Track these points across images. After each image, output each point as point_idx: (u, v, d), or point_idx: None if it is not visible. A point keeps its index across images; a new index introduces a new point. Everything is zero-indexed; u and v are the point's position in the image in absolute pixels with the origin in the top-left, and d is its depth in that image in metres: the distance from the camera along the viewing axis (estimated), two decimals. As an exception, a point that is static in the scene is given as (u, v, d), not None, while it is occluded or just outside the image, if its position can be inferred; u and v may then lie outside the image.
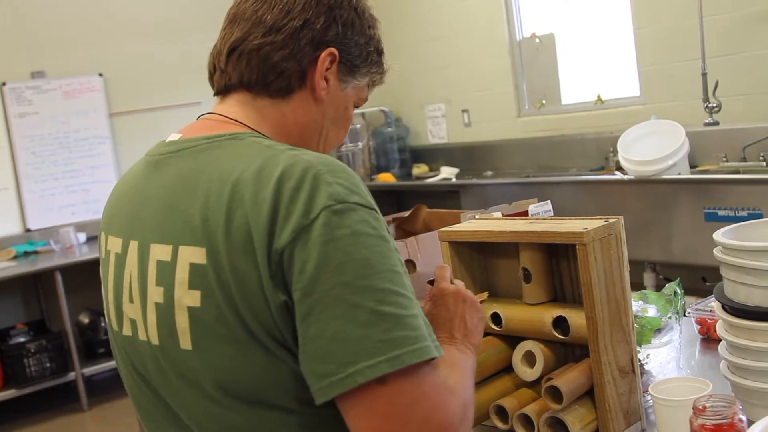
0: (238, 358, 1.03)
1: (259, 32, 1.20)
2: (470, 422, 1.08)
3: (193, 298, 1.05)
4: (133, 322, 1.16)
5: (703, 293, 3.27)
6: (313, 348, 0.98)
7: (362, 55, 1.27)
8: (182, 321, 1.07)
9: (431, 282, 1.33)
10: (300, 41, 1.20)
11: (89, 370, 5.23)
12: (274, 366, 1.03)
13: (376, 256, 1.00)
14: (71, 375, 5.18)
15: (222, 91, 1.25)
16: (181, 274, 1.07)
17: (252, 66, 1.20)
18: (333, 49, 1.22)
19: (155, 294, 1.11)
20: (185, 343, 1.07)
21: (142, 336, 1.15)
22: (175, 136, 1.21)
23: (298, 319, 0.99)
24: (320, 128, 1.27)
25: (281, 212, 1.00)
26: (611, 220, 1.43)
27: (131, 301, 1.16)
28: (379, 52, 1.32)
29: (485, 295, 1.52)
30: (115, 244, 1.21)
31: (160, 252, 1.11)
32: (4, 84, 5.62)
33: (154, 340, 1.12)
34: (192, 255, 1.06)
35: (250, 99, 1.22)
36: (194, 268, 1.05)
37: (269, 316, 1.01)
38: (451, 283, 1.32)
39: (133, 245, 1.16)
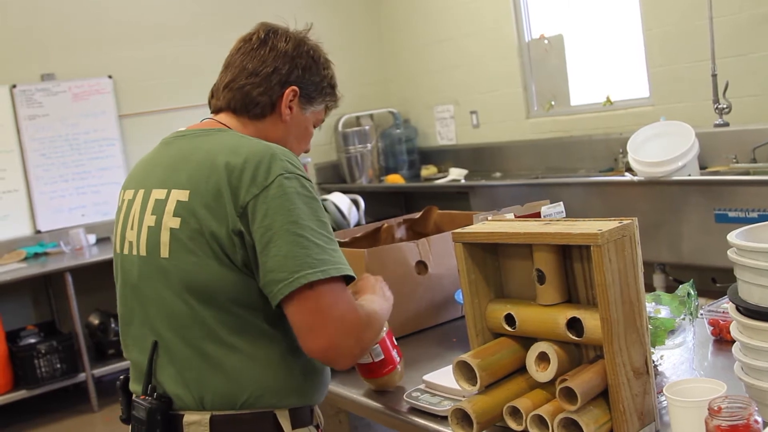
0: (198, 265, 1.52)
1: (243, 76, 1.72)
2: (374, 332, 1.62)
3: (175, 222, 1.56)
4: (130, 243, 1.65)
5: (714, 294, 3.27)
6: (273, 263, 1.46)
7: (317, 89, 1.78)
8: (165, 237, 1.57)
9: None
10: (271, 82, 1.71)
11: (99, 371, 5.24)
12: (221, 273, 1.51)
13: (310, 208, 1.52)
14: (81, 376, 5.19)
15: (216, 111, 1.77)
16: (170, 206, 1.57)
17: (237, 98, 1.72)
18: (294, 87, 1.73)
19: (150, 220, 1.61)
20: (164, 252, 1.57)
21: (134, 252, 1.63)
22: (183, 128, 1.75)
23: (260, 246, 1.48)
24: (285, 142, 1.72)
25: (248, 174, 1.51)
26: (626, 222, 1.43)
27: (132, 228, 1.65)
28: (332, 86, 1.82)
29: None
30: (128, 195, 1.71)
31: (158, 194, 1.62)
32: (14, 86, 5.64)
33: (143, 253, 1.61)
34: (179, 195, 1.57)
35: (236, 117, 1.74)
36: (179, 203, 1.56)
37: (226, 236, 1.50)
38: None
39: (141, 192, 1.67)
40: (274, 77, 1.71)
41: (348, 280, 1.54)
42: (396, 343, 1.91)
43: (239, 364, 1.54)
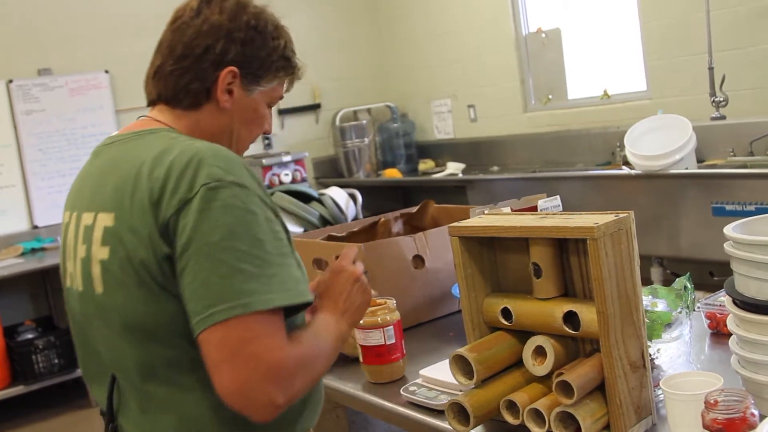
0: (132, 299, 1.31)
1: (172, 60, 1.46)
2: (312, 377, 1.31)
3: (104, 252, 1.35)
4: (71, 275, 1.46)
5: (711, 288, 3.27)
6: (188, 291, 1.24)
7: (264, 65, 1.49)
8: (96, 270, 1.36)
9: (337, 257, 1.58)
10: (202, 65, 1.44)
11: (97, 367, 5.23)
12: (159, 306, 1.30)
13: (241, 224, 1.25)
14: (79, 371, 5.17)
15: (150, 103, 1.55)
16: (97, 234, 1.37)
17: (168, 87, 1.48)
18: (232, 68, 1.45)
19: (81, 251, 1.41)
20: (98, 287, 1.36)
21: (74, 285, 1.44)
22: (115, 133, 1.52)
23: (179, 270, 1.25)
24: (230, 131, 1.51)
25: (170, 187, 1.28)
26: (622, 215, 1.43)
27: (69, 259, 1.46)
28: (286, 57, 1.52)
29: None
30: (66, 217, 1.51)
31: (86, 218, 1.41)
32: (10, 81, 5.62)
33: (80, 288, 1.42)
34: (105, 219, 1.36)
35: (169, 109, 1.49)
36: (106, 229, 1.35)
37: (155, 264, 1.28)
38: (354, 264, 1.56)
39: (74, 215, 1.47)
40: (206, 58, 1.44)
41: (302, 304, 1.30)
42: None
43: (193, 405, 1.33)
